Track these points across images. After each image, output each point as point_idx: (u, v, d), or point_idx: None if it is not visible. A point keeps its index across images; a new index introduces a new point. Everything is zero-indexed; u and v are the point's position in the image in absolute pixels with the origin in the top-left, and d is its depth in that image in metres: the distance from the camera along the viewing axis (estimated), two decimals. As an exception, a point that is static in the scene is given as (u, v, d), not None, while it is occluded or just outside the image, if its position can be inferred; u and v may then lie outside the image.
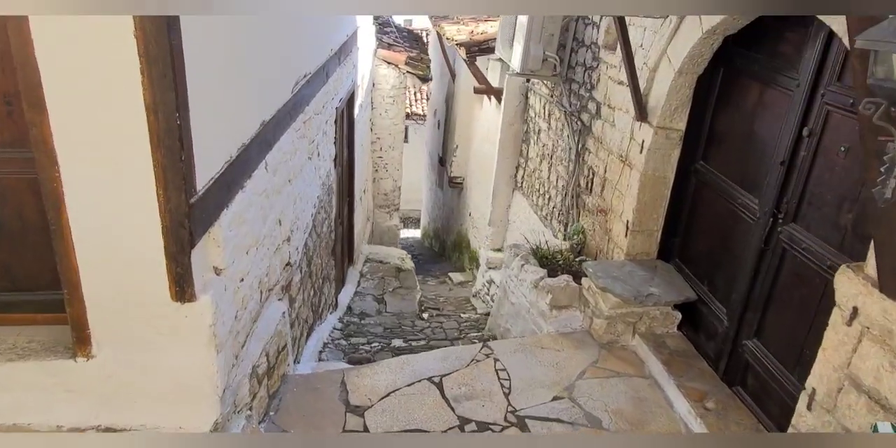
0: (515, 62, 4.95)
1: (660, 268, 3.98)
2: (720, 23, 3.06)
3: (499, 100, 6.69)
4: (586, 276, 4.34)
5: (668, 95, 3.56)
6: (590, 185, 4.65)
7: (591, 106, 4.62)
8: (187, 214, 2.10)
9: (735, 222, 3.38)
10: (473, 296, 7.44)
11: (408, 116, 12.29)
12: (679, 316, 3.83)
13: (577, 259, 4.55)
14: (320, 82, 4.38)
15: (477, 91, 6.87)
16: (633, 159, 3.91)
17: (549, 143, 5.63)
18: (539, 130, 5.86)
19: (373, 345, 4.92)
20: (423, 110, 14.78)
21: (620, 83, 4.11)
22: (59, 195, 2.03)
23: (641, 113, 3.75)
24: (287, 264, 3.59)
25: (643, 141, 3.78)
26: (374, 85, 7.78)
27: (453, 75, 9.37)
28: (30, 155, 2.04)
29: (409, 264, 7.58)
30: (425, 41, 9.62)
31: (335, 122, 5.10)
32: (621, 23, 3.41)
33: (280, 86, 3.30)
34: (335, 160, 5.28)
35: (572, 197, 4.95)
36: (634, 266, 3.98)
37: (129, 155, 1.99)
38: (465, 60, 6.92)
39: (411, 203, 15.72)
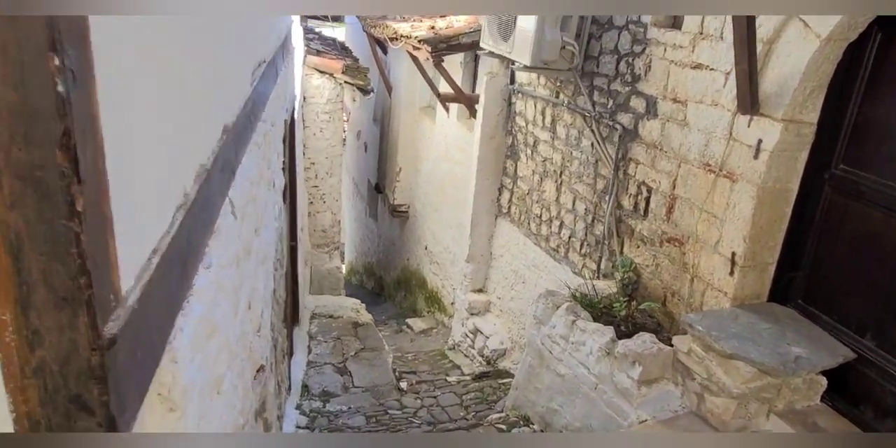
0: (522, 53, 3.79)
1: (780, 315, 2.89)
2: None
3: (470, 109, 5.50)
4: (664, 330, 3.19)
5: (804, 74, 2.50)
6: (644, 205, 3.52)
7: (637, 103, 3.52)
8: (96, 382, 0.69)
9: (930, 250, 2.34)
10: (451, 349, 6.10)
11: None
12: (825, 383, 2.74)
13: (640, 307, 3.38)
14: (272, 79, 2.98)
15: (444, 99, 5.64)
16: (739, 168, 2.81)
17: (554, 156, 4.48)
18: (536, 142, 4.71)
19: (365, 450, 3.45)
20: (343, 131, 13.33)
21: (697, 67, 3.03)
22: None
23: (753, 102, 2.67)
24: (259, 369, 2.13)
25: (759, 141, 2.70)
26: (304, 99, 6.35)
27: (389, 88, 8.11)
28: None
29: (366, 316, 6.13)
30: (351, 50, 8.29)
31: (284, 139, 3.68)
32: (746, -32, 2.32)
33: (238, 71, 1.90)
34: (283, 193, 3.84)
35: (611, 222, 3.80)
36: (750, 315, 2.86)
37: None
38: (422, 61, 5.69)
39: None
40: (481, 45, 4.37)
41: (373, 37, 7.43)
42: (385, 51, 8.40)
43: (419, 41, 5.04)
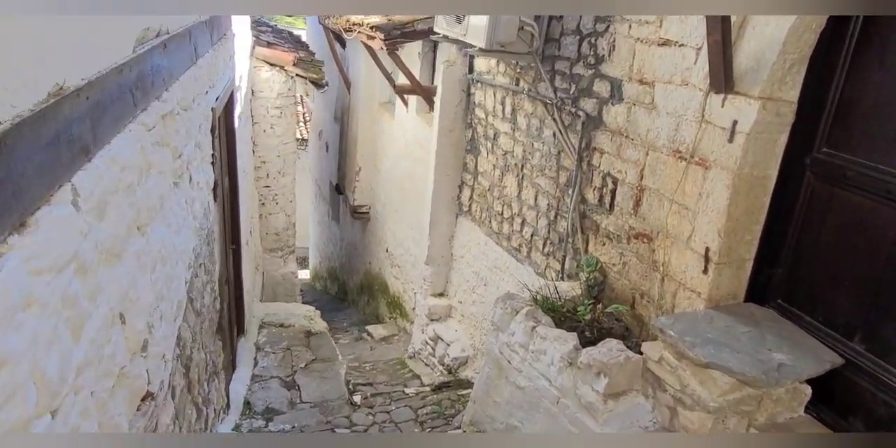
0: (477, 36, 3.46)
1: (759, 317, 2.61)
2: None
3: (428, 102, 5.16)
4: (633, 335, 2.89)
5: (784, 45, 2.22)
6: (609, 199, 3.22)
7: (600, 87, 3.22)
8: None
9: (927, 241, 2.07)
10: (410, 357, 5.74)
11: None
12: (809, 392, 2.45)
13: (606, 310, 3.07)
14: (186, 58, 2.61)
15: (400, 90, 5.29)
16: (713, 153, 2.52)
17: (515, 149, 4.17)
18: (496, 135, 4.39)
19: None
20: (302, 134, 12.90)
21: (665, 43, 2.74)
22: None
23: (727, 79, 2.38)
24: (146, 397, 1.75)
25: (734, 123, 2.41)
26: (252, 93, 5.94)
27: (348, 84, 7.72)
28: None
29: (320, 325, 5.74)
30: (307, 44, 7.90)
31: (212, 130, 3.30)
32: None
33: (98, 24, 1.53)
34: (214, 190, 3.46)
35: (575, 218, 3.49)
36: (726, 318, 2.56)
37: None
38: (377, 51, 5.33)
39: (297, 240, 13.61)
40: (435, 29, 4.04)
41: (329, 30, 7.06)
42: (344, 45, 8.04)
43: (372, 28, 4.70)
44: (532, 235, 4.04)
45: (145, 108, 1.89)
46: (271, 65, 5.98)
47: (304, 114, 13.45)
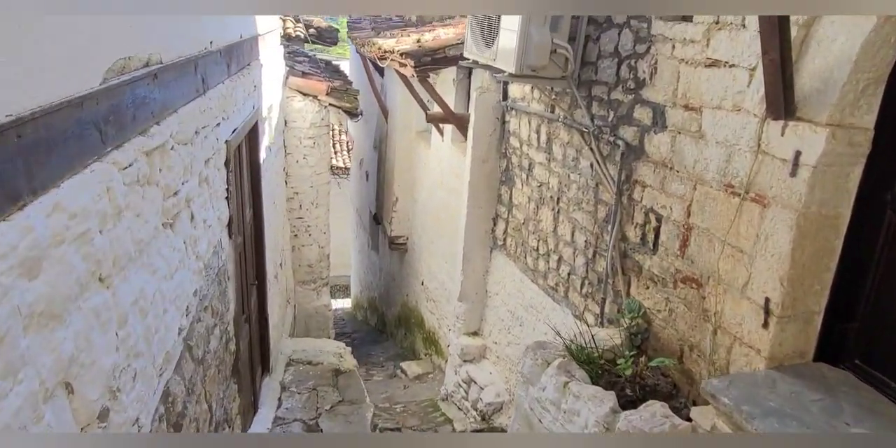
0: (506, 60, 3.23)
1: (833, 381, 2.21)
2: None
3: (462, 131, 4.94)
4: (681, 394, 2.53)
5: (856, 63, 1.89)
6: (652, 237, 2.89)
7: (641, 114, 2.92)
8: None
9: None
10: (443, 399, 5.42)
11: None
12: (900, 474, 2.03)
13: (650, 363, 2.71)
14: (189, 89, 2.45)
15: (431, 119, 5.09)
16: (772, 189, 2.18)
17: (550, 180, 3.88)
18: (531, 165, 4.12)
19: None
20: (345, 162, 12.93)
21: (713, 64, 2.43)
22: None
23: (787, 104, 2.06)
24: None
25: (797, 154, 2.07)
26: (286, 123, 5.87)
27: (385, 113, 7.62)
28: None
29: (350, 363, 5.49)
30: (346, 74, 7.87)
31: (226, 164, 3.14)
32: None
33: (56, 45, 1.35)
34: (229, 226, 3.28)
35: (613, 257, 3.16)
36: (792, 381, 2.18)
37: None
38: (409, 78, 5.17)
39: (338, 268, 13.40)
40: (465, 54, 3.83)
41: (365, 58, 7.00)
42: (382, 73, 7.98)
43: (401, 55, 4.53)
44: (569, 274, 3.72)
45: (120, 145, 1.71)
46: (304, 95, 5.91)
47: (347, 142, 13.51)
